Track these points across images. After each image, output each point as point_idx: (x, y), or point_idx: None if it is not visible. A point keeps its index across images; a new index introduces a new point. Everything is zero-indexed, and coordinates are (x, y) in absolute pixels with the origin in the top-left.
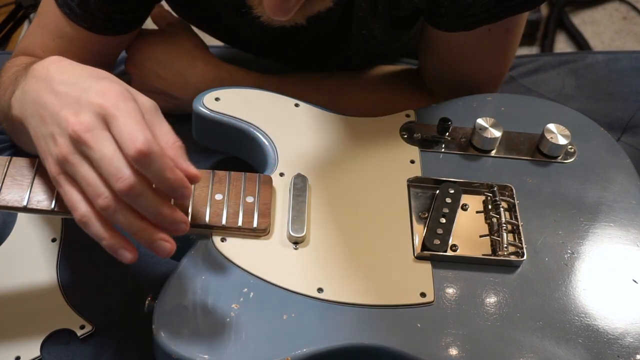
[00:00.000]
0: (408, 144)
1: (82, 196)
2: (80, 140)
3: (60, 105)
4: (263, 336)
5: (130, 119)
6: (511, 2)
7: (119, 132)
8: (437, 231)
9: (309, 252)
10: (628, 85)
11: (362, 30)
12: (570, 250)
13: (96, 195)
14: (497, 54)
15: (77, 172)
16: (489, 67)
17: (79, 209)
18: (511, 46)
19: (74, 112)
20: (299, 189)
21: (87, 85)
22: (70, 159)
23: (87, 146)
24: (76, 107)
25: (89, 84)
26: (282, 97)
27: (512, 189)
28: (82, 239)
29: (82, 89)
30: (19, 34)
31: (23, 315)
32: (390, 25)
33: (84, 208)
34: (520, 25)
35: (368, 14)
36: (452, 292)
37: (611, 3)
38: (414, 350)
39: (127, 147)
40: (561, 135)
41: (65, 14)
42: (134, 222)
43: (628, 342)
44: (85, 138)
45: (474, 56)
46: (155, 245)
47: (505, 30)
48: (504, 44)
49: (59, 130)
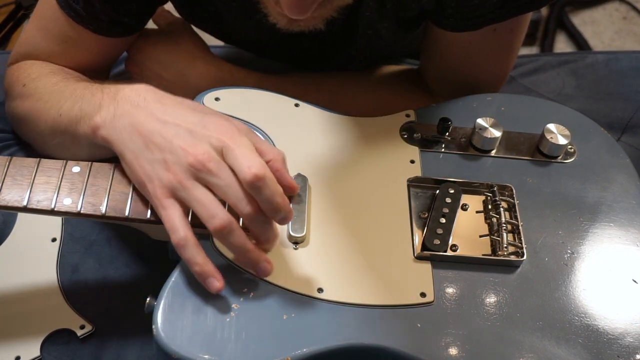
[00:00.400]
0: (408, 144)
1: (183, 221)
2: (204, 169)
3: (172, 134)
4: (263, 336)
5: (245, 149)
6: (518, 2)
7: (236, 161)
8: (437, 231)
9: (309, 252)
10: (628, 85)
11: (368, 30)
12: (570, 250)
13: (212, 216)
14: (501, 54)
15: (192, 196)
16: (492, 67)
17: (178, 232)
18: (515, 46)
19: (191, 143)
20: (299, 189)
21: (198, 119)
22: (185, 184)
23: (212, 174)
24: (191, 139)
25: (196, 118)
26: (282, 97)
27: (512, 189)
28: (82, 239)
29: (192, 122)
30: (18, 34)
31: (23, 315)
32: (396, 25)
33: (183, 232)
34: (525, 25)
35: (375, 14)
36: (452, 292)
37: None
38: (414, 350)
39: (244, 173)
40: (561, 135)
41: (70, 17)
42: (245, 243)
43: (628, 342)
44: (209, 167)
45: (477, 56)
46: (259, 267)
47: (510, 30)
48: (508, 44)
49: (173, 157)
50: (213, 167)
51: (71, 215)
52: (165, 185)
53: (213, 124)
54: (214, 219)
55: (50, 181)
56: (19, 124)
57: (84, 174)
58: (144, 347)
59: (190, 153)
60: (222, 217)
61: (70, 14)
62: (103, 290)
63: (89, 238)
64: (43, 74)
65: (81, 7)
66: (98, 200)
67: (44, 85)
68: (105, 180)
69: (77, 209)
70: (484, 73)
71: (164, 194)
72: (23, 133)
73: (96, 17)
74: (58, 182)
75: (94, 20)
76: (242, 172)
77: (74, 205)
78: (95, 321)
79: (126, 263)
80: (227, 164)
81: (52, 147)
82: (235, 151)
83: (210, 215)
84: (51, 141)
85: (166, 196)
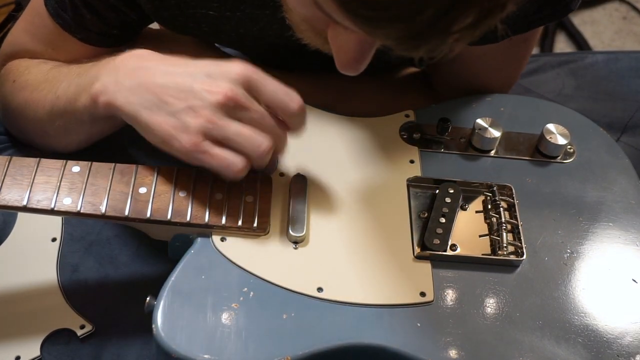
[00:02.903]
0: (408, 144)
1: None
2: (234, 105)
3: (189, 81)
4: (263, 335)
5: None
6: (540, 14)
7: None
8: (437, 231)
9: (308, 251)
10: (628, 85)
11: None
12: (570, 249)
13: (258, 145)
14: (513, 64)
15: (229, 132)
16: (502, 76)
17: (236, 165)
18: (527, 55)
19: (210, 84)
20: (298, 189)
21: (208, 62)
22: (219, 123)
23: (244, 108)
24: (211, 80)
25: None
26: None
27: (511, 188)
28: (82, 239)
29: (204, 65)
30: None
31: (23, 315)
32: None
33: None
34: (537, 34)
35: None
36: (452, 291)
37: (611, 3)
38: (414, 350)
39: (288, 105)
40: (560, 135)
41: (58, 24)
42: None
43: (628, 341)
44: (241, 102)
45: (490, 66)
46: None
47: (524, 40)
48: (521, 53)
49: (199, 102)
50: (245, 102)
51: (71, 214)
52: (198, 131)
53: (225, 63)
54: (261, 147)
55: (50, 181)
56: (15, 120)
57: (84, 173)
58: (144, 347)
59: (216, 92)
60: (267, 143)
61: (59, 22)
62: (103, 290)
63: (89, 238)
64: (32, 65)
65: (70, 17)
66: (98, 200)
67: (35, 75)
68: (105, 179)
69: (77, 209)
70: (494, 81)
71: (198, 140)
72: (19, 128)
73: (85, 27)
74: (58, 182)
75: (82, 30)
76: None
77: (73, 204)
78: (95, 321)
79: (126, 263)
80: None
81: (51, 134)
82: (266, 85)
83: (257, 145)
84: (50, 127)
85: (201, 140)
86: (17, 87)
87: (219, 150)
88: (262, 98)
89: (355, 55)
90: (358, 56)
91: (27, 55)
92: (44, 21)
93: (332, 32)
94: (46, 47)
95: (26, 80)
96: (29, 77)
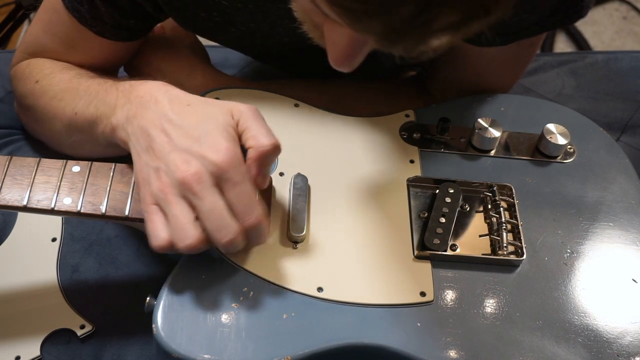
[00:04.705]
0: (408, 144)
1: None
2: (190, 190)
3: (170, 147)
4: (263, 335)
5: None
6: (553, 18)
7: (235, 200)
8: (437, 231)
9: (308, 251)
10: (627, 85)
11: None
12: (570, 249)
13: (184, 238)
14: (518, 65)
15: (171, 211)
16: (505, 77)
17: (159, 239)
18: (531, 57)
19: (184, 160)
20: (298, 189)
21: (198, 134)
22: (169, 197)
23: (197, 197)
24: (186, 156)
25: (199, 132)
26: (282, 97)
27: (511, 188)
28: (82, 239)
29: (193, 138)
30: (18, 33)
31: (23, 315)
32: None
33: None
34: (543, 37)
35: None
36: (452, 291)
37: (611, 3)
38: (414, 350)
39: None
40: (560, 135)
41: (74, 17)
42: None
43: (628, 341)
44: (196, 189)
45: (494, 67)
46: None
47: (531, 44)
48: (526, 56)
49: (166, 169)
50: (199, 191)
51: (71, 214)
52: (152, 193)
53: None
54: (186, 239)
55: (50, 180)
56: (34, 123)
57: (84, 173)
58: (144, 347)
59: (182, 170)
60: (194, 238)
61: (75, 15)
62: (103, 290)
63: (89, 238)
64: (56, 70)
65: (86, 10)
66: (98, 200)
67: (58, 82)
68: (105, 179)
69: (77, 209)
70: (497, 81)
71: (150, 201)
72: (37, 133)
73: (100, 19)
74: (58, 182)
75: (98, 22)
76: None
77: (73, 204)
78: (95, 321)
79: (126, 263)
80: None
81: (67, 146)
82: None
83: (184, 235)
84: (67, 140)
85: (151, 202)
86: (38, 90)
87: (156, 218)
88: (225, 195)
89: (347, 50)
90: (349, 52)
91: (48, 53)
92: (61, 17)
93: (327, 26)
94: (65, 47)
95: (49, 85)
96: (52, 82)
